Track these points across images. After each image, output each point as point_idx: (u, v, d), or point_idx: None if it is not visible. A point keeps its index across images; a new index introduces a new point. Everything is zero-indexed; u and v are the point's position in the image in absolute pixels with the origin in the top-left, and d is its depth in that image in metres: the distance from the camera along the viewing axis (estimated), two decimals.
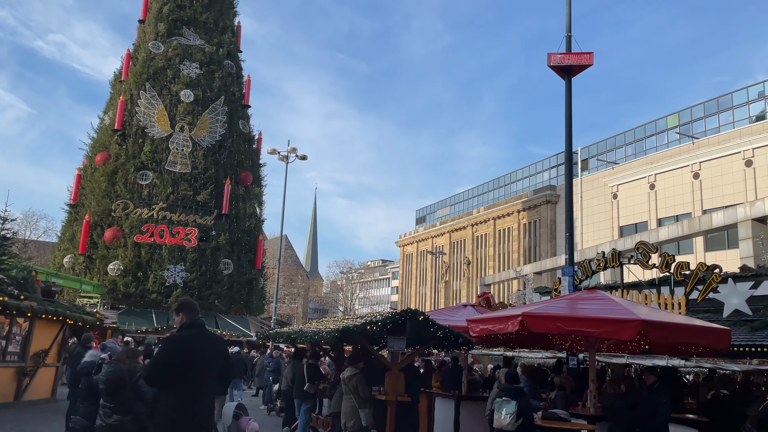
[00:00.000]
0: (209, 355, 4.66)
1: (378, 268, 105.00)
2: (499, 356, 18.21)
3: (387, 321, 8.73)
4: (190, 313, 4.78)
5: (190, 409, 4.45)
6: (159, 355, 4.65)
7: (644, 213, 42.34)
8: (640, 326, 7.63)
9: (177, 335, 4.74)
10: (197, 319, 4.76)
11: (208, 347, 4.69)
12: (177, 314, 4.85)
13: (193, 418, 4.44)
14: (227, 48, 38.21)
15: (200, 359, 4.58)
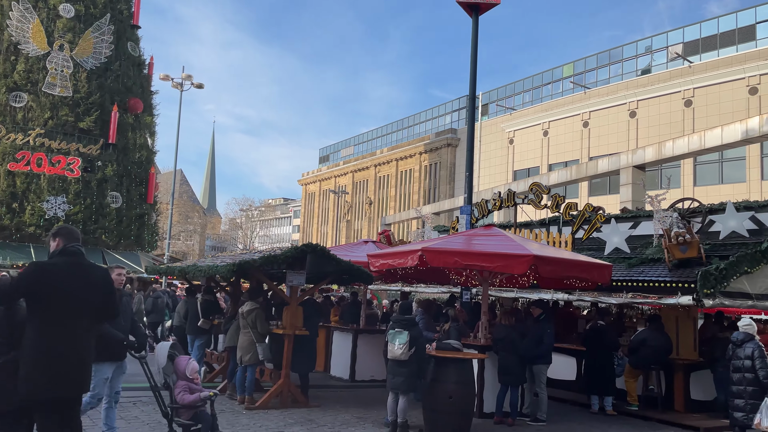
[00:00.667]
0: (79, 287, 4.12)
1: (279, 206, 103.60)
2: (397, 292, 18.65)
3: (286, 255, 8.53)
4: (67, 239, 4.27)
5: (57, 347, 3.98)
6: (17, 278, 4.18)
7: (537, 158, 44.34)
8: (532, 261, 7.98)
9: (42, 261, 4.25)
10: (72, 246, 4.23)
11: (80, 278, 4.16)
12: (53, 239, 4.32)
13: (60, 357, 3.99)
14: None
15: (67, 291, 4.06)
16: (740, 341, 7.90)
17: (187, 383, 5.82)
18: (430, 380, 7.61)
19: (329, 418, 8.25)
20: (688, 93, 35.17)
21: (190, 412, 5.76)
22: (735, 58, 33.81)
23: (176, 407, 5.72)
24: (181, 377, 5.84)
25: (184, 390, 5.76)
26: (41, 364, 3.95)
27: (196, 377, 5.93)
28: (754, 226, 10.44)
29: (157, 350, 5.99)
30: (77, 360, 4.12)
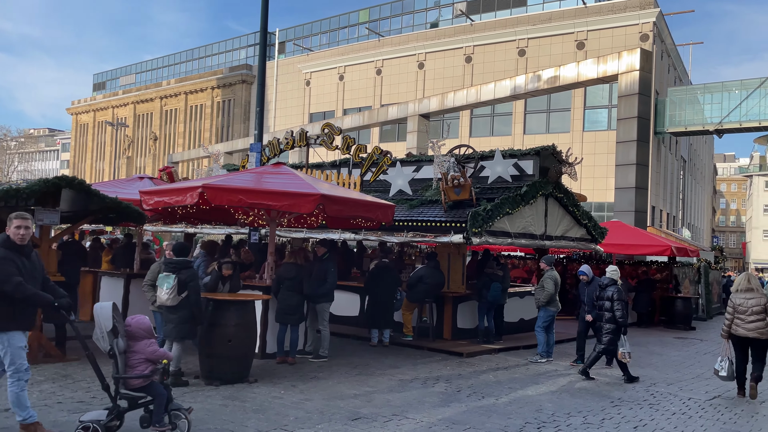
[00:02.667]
0: None
1: (44, 137, 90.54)
2: (181, 233, 17.50)
3: (34, 189, 7.22)
4: None
5: None
6: None
7: (333, 102, 44.67)
8: (319, 200, 7.86)
9: None
10: None
11: None
12: None
13: None
14: None
15: None
16: (605, 285, 9.10)
17: (153, 340, 5.11)
18: (209, 324, 7.17)
19: (90, 371, 7.34)
20: (469, 50, 37.95)
21: (140, 381, 4.89)
22: (509, 20, 37.19)
23: (123, 377, 4.84)
24: (143, 336, 5.05)
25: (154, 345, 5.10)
26: None
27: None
28: (516, 172, 11.61)
29: (99, 312, 4.82)
30: None
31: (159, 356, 5.04)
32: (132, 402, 4.97)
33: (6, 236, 4.85)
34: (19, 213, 5.03)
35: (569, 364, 9.74)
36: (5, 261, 4.71)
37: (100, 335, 4.84)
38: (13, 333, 4.80)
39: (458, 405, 6.89)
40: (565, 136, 32.00)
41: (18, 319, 4.82)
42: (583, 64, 26.92)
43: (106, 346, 4.85)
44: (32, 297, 4.81)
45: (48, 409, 5.77)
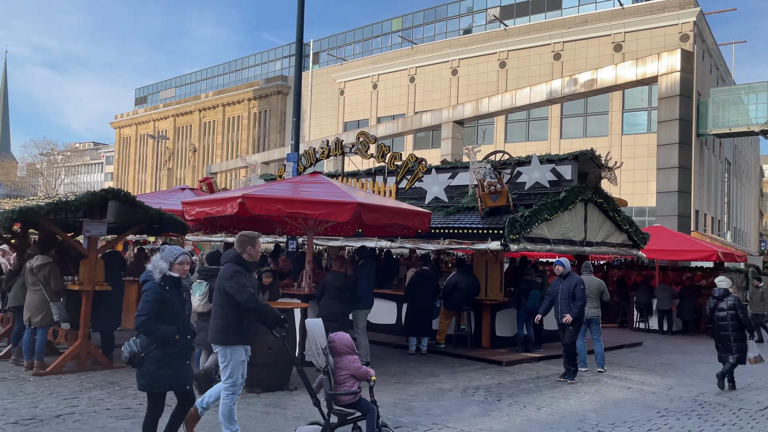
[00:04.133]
0: None
1: (89, 151, 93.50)
2: (221, 242, 17.81)
3: (83, 201, 7.47)
4: None
5: None
6: None
7: (367, 111, 44.93)
8: (356, 208, 7.90)
9: None
10: None
11: None
12: None
13: None
14: None
15: None
16: (720, 296, 8.67)
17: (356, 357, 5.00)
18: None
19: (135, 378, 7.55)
20: (503, 55, 37.70)
21: (351, 397, 4.89)
22: (543, 24, 36.82)
23: (336, 394, 4.82)
24: (347, 352, 4.99)
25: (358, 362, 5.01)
26: None
27: None
28: (554, 177, 11.45)
29: (312, 328, 4.85)
30: None
31: (363, 373, 5.00)
32: (342, 418, 4.95)
33: (238, 254, 5.17)
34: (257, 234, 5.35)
35: (556, 380, 8.83)
36: (239, 274, 5.03)
37: (315, 352, 4.85)
38: (237, 347, 5.02)
39: (499, 414, 6.81)
40: (603, 140, 31.44)
41: (243, 334, 5.05)
42: (621, 66, 26.43)
43: (322, 362, 4.89)
44: (262, 308, 5.06)
45: (97, 415, 5.94)
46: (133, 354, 4.38)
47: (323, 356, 4.83)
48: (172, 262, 4.58)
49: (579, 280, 8.86)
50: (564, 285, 8.82)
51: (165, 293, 4.46)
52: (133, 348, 4.39)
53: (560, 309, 8.84)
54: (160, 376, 4.42)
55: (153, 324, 4.35)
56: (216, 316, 5.12)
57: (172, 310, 4.48)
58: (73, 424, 5.59)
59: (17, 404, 6.13)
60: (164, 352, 4.41)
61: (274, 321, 5.07)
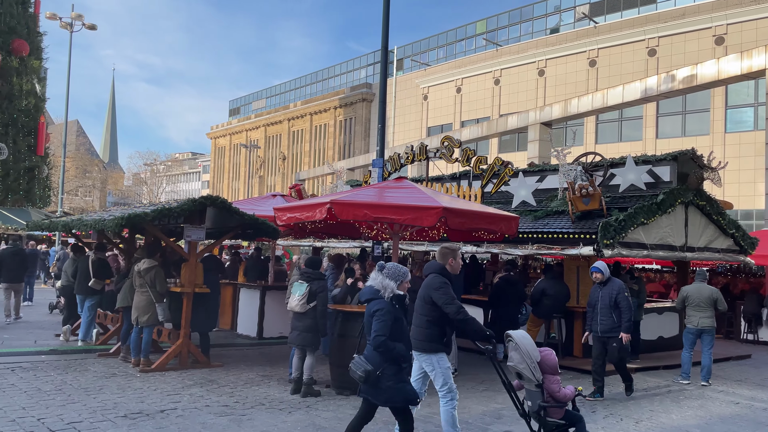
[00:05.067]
0: None
1: (187, 160, 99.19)
2: (309, 247, 18.31)
3: (184, 208, 7.93)
4: None
5: None
6: None
7: (450, 115, 44.73)
8: (441, 213, 7.86)
9: None
10: None
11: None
12: None
13: None
14: None
15: None
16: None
17: (558, 378, 5.04)
18: (338, 335, 7.41)
19: (232, 377, 7.91)
20: (593, 53, 36.36)
21: (560, 410, 4.96)
22: (636, 20, 35.16)
23: (548, 406, 4.85)
24: (552, 371, 5.00)
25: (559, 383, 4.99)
26: None
27: None
28: (650, 179, 10.88)
29: (523, 341, 4.91)
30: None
31: (562, 397, 4.96)
32: (549, 430, 4.95)
33: (441, 265, 5.35)
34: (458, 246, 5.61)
35: (585, 399, 7.78)
36: (447, 285, 5.20)
37: (531, 365, 4.85)
38: (442, 355, 5.25)
39: (594, 426, 6.53)
40: (704, 139, 29.57)
41: (447, 342, 5.29)
42: (724, 60, 24.72)
43: (539, 376, 4.87)
44: (469, 322, 5.15)
45: (198, 411, 6.25)
46: (368, 372, 4.42)
47: (539, 370, 4.79)
48: (402, 281, 4.72)
49: (621, 287, 7.85)
50: (604, 292, 7.86)
51: (395, 311, 4.57)
52: (366, 366, 4.43)
53: (600, 320, 7.90)
54: (398, 391, 4.50)
55: (389, 343, 4.45)
56: (420, 324, 5.24)
57: (401, 327, 4.60)
58: (176, 419, 5.92)
59: (126, 399, 6.57)
60: (398, 368, 4.51)
61: (480, 335, 5.15)
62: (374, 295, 4.60)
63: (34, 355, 8.76)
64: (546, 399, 4.87)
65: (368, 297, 4.63)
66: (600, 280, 7.95)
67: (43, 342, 9.99)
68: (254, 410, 6.39)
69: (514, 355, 4.91)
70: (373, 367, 4.42)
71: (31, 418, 5.72)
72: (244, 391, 7.18)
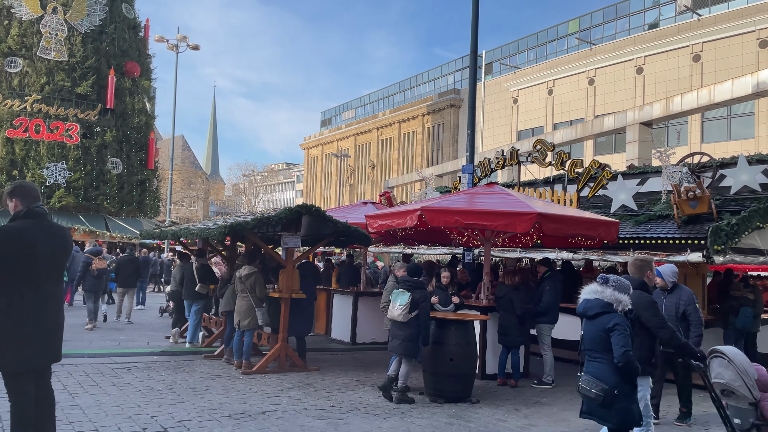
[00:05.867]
0: (50, 250, 3.95)
1: (282, 171, 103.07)
2: (399, 254, 18.43)
3: (281, 217, 8.24)
4: (26, 198, 4.00)
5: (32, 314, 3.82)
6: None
7: (541, 118, 43.59)
8: (536, 219, 7.67)
9: (9, 225, 3.94)
10: (36, 207, 3.99)
11: (49, 241, 3.96)
12: (10, 200, 4.03)
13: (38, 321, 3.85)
14: None
15: (39, 255, 3.87)
16: None
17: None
18: (432, 343, 7.39)
19: (328, 381, 8.09)
20: (696, 47, 34.19)
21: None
22: (745, 10, 32.70)
23: (761, 424, 4.62)
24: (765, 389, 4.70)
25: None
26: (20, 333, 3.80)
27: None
28: (766, 179, 10.05)
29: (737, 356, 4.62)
30: (52, 326, 3.96)
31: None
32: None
33: (642, 280, 5.18)
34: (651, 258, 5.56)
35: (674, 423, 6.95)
36: (655, 305, 5.05)
37: (748, 383, 4.55)
38: (646, 378, 5.27)
39: None
40: None
41: (654, 364, 5.36)
42: None
43: (757, 394, 4.49)
44: (685, 347, 5.01)
45: (296, 414, 6.45)
46: (605, 392, 4.22)
47: (756, 388, 4.52)
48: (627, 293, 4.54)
49: (690, 297, 6.70)
50: (669, 302, 6.65)
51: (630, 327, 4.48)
52: (602, 385, 4.24)
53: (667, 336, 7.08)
54: (632, 413, 4.33)
55: (634, 359, 4.31)
56: None
57: None
58: (276, 420, 6.13)
59: (230, 399, 6.90)
60: (632, 387, 4.39)
61: (692, 354, 4.98)
62: (605, 309, 4.37)
63: (147, 356, 9.39)
64: (758, 417, 4.51)
65: (598, 311, 4.40)
66: (663, 286, 6.69)
67: (155, 344, 10.70)
68: (350, 414, 6.50)
69: (724, 372, 4.52)
70: (610, 386, 4.22)
71: (146, 415, 6.13)
72: (340, 396, 7.32)
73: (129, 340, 11.09)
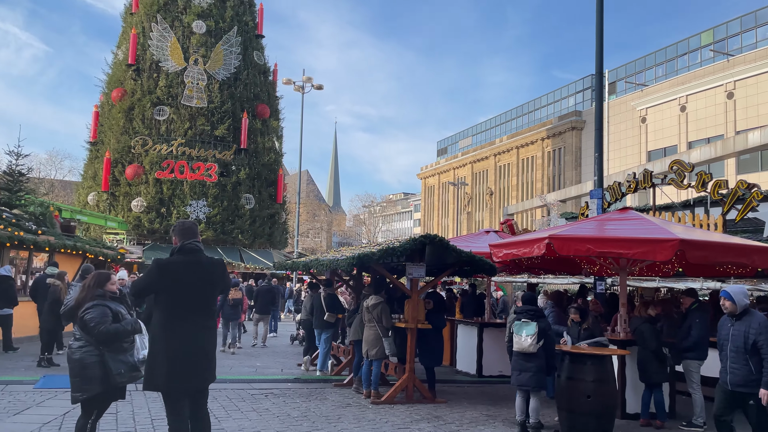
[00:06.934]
0: (195, 283, 4.34)
1: (400, 201, 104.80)
2: (523, 283, 17.90)
3: (405, 247, 8.33)
4: (182, 236, 4.47)
5: (179, 341, 4.20)
6: (142, 277, 4.53)
7: (674, 136, 40.79)
8: (678, 246, 7.13)
9: (162, 260, 4.46)
10: (188, 243, 4.43)
11: (195, 274, 4.36)
12: (173, 236, 4.57)
13: (182, 351, 4.21)
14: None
15: (184, 287, 4.29)
16: None
17: None
18: (565, 378, 7.04)
19: (456, 415, 7.95)
20: None
21: None
22: None
23: None
24: None
25: None
26: (166, 358, 4.17)
27: None
28: None
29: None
30: (201, 353, 4.28)
31: None
32: None
33: None
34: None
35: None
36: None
37: None
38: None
39: None
40: None
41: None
42: None
43: None
44: None
45: None
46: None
47: None
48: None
49: (763, 324, 5.60)
50: (737, 330, 5.69)
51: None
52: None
53: (730, 367, 5.72)
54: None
55: None
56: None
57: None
58: None
59: (361, 429, 6.98)
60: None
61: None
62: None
63: (282, 383, 9.81)
64: None
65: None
66: (731, 310, 5.77)
67: (288, 371, 11.17)
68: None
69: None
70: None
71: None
72: (470, 430, 7.16)
73: (264, 366, 11.67)
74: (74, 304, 5.02)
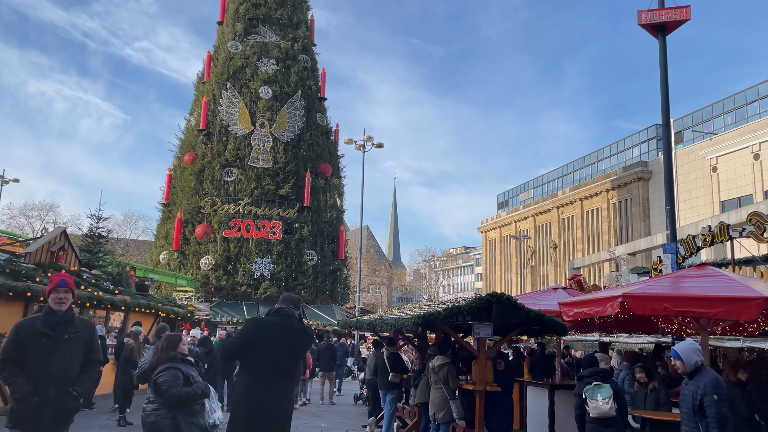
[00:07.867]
0: (279, 346, 4.52)
1: (461, 255, 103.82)
2: (594, 342, 17.16)
3: (471, 306, 8.20)
4: (282, 302, 4.81)
5: (263, 400, 4.33)
6: (236, 334, 4.87)
7: (748, 185, 38.98)
8: (764, 304, 6.71)
9: (257, 317, 4.83)
10: (284, 308, 4.71)
11: (280, 338, 4.55)
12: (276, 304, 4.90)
13: (261, 402, 4.33)
14: (302, 42, 38.66)
15: (268, 348, 4.47)
16: None
17: None
18: None
19: None
20: None
21: None
22: None
23: None
24: None
25: None
26: (251, 419, 4.31)
27: None
28: None
29: None
30: (281, 415, 4.43)
31: None
32: None
33: None
34: None
35: None
36: None
37: None
38: None
39: None
40: None
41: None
42: None
43: None
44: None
45: None
46: None
47: None
48: None
49: (712, 383, 5.08)
50: (687, 390, 5.23)
51: None
52: None
53: (682, 430, 5.29)
54: None
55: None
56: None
57: None
58: None
59: None
60: None
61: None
62: None
63: None
64: None
65: None
66: (682, 370, 5.30)
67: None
68: None
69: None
70: None
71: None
72: None
73: (329, 427, 11.55)
74: (148, 367, 5.20)
